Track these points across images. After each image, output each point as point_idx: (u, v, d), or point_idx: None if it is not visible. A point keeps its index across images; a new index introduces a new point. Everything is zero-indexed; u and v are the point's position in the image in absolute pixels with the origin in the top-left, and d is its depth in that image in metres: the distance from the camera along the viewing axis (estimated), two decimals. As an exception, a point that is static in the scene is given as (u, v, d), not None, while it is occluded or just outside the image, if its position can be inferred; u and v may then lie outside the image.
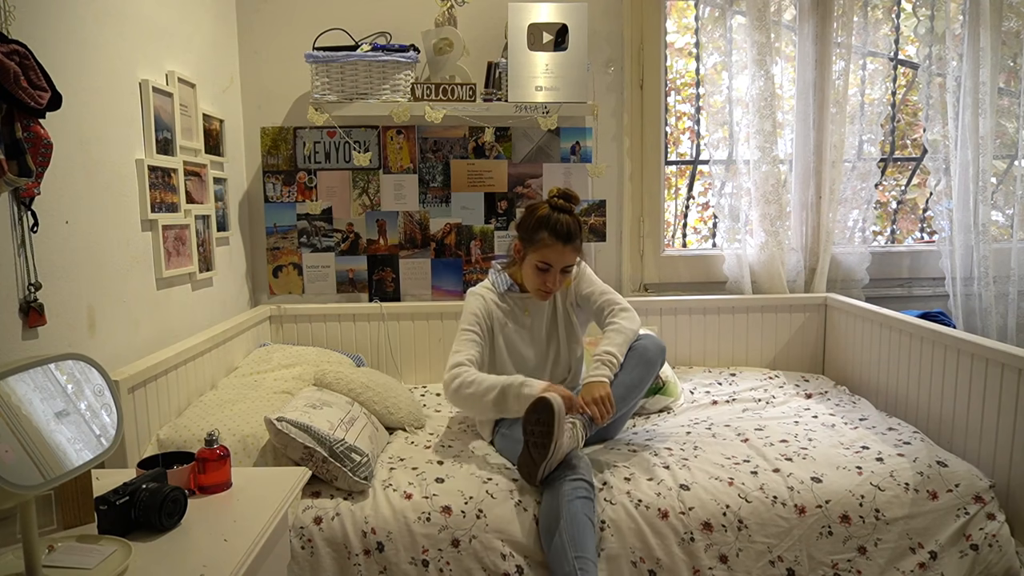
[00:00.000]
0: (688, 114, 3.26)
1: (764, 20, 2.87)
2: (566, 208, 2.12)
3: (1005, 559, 1.79)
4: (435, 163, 2.96)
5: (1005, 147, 3.08)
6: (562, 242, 2.07)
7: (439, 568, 1.73)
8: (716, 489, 1.83)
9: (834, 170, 2.98)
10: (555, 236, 2.07)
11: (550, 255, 2.09)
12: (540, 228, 2.09)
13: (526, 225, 2.14)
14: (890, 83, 3.08)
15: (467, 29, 2.81)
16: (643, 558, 1.75)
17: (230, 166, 2.74)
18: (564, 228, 2.07)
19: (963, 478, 1.85)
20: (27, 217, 1.51)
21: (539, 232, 2.09)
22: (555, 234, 2.07)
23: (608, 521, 1.77)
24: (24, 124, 1.44)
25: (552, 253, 2.09)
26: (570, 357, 2.29)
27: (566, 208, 2.12)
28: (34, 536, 1.07)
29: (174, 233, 2.22)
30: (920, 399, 2.26)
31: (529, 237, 2.12)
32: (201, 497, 1.41)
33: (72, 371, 1.15)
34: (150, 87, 2.05)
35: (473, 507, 1.79)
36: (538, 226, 2.09)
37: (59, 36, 1.66)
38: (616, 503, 1.80)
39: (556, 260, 2.10)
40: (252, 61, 2.90)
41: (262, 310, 2.84)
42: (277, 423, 1.80)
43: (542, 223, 2.09)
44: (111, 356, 1.84)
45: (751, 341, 2.98)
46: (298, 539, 1.74)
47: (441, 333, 2.92)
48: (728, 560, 1.76)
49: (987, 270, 3.00)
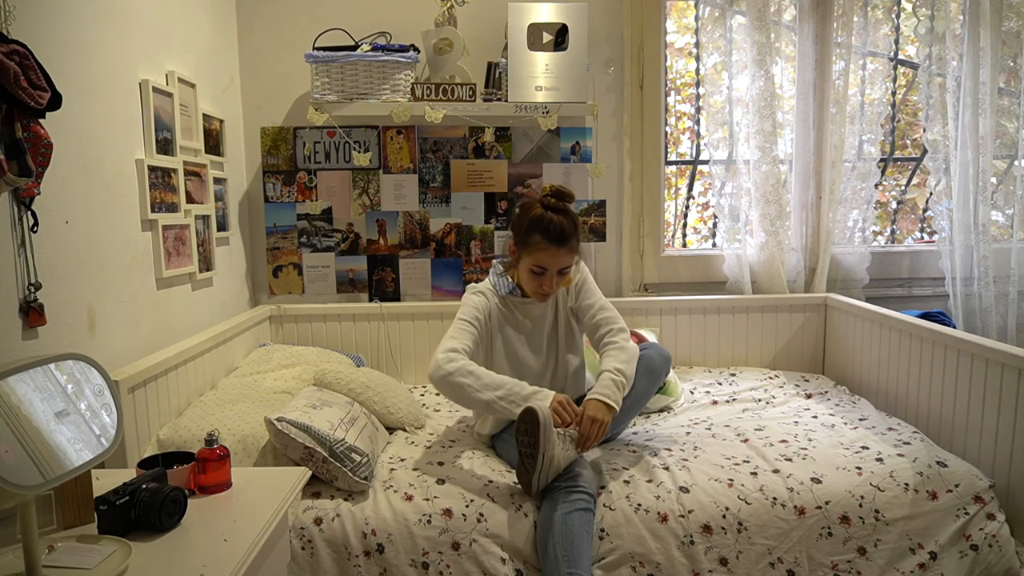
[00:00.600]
0: (688, 114, 3.26)
1: (764, 20, 2.87)
2: (559, 207, 2.00)
3: (1005, 559, 1.79)
4: (435, 163, 2.96)
5: (1005, 147, 3.08)
6: (556, 245, 1.97)
7: (439, 571, 1.73)
8: (716, 491, 1.83)
9: (834, 170, 2.98)
10: (548, 239, 1.96)
11: (544, 259, 1.99)
12: (533, 230, 1.98)
13: (519, 227, 2.04)
14: (890, 83, 3.08)
15: (467, 29, 2.81)
16: (642, 562, 1.75)
17: (230, 166, 2.74)
18: (557, 229, 1.96)
19: (963, 478, 1.85)
20: (27, 217, 1.51)
21: (532, 235, 1.98)
22: (548, 237, 1.96)
23: (607, 527, 1.77)
24: (24, 124, 1.44)
25: (546, 256, 1.99)
26: (568, 367, 2.20)
27: (559, 207, 2.00)
28: (34, 536, 1.07)
29: (174, 233, 2.22)
30: (920, 399, 2.26)
31: (522, 239, 2.02)
32: (201, 497, 1.41)
33: (72, 371, 1.16)
34: (150, 87, 2.05)
35: (474, 510, 1.78)
36: (531, 228, 1.99)
37: (59, 36, 1.66)
38: (616, 508, 1.79)
39: (551, 263, 2.00)
40: (252, 61, 2.90)
41: (262, 310, 2.84)
42: (277, 423, 1.80)
43: (535, 225, 1.98)
44: (111, 356, 1.84)
45: (751, 341, 2.98)
46: (298, 540, 1.74)
47: (441, 333, 2.87)
48: (728, 563, 1.76)
49: (987, 270, 3.00)
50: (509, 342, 2.15)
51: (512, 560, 1.73)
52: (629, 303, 2.94)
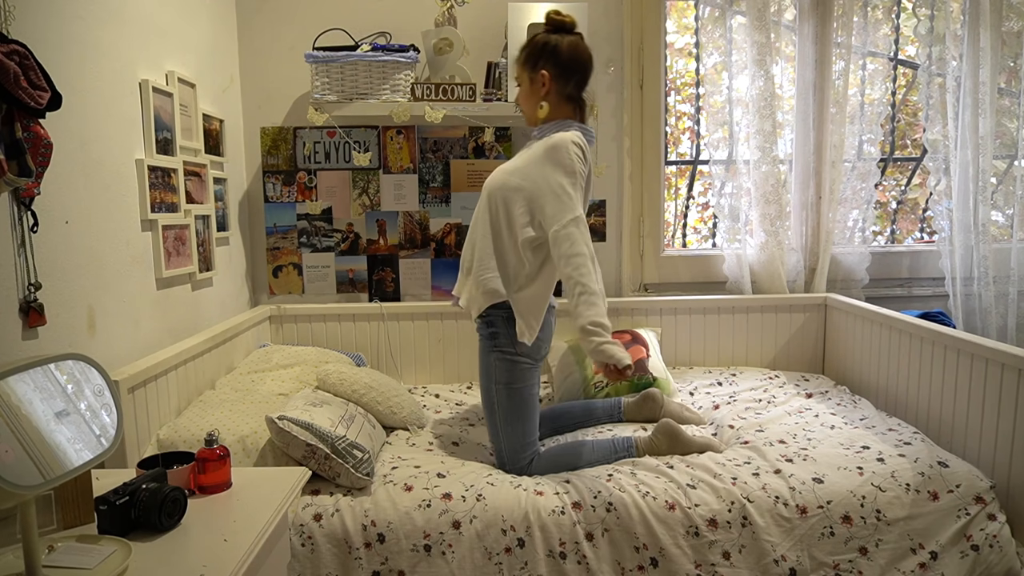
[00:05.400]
0: (688, 114, 3.26)
1: (764, 20, 2.87)
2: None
3: (1006, 560, 1.79)
4: (435, 163, 2.96)
5: (1005, 147, 3.08)
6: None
7: (441, 551, 1.74)
8: (720, 488, 1.83)
9: (834, 170, 2.98)
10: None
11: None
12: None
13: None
14: (890, 83, 3.08)
15: (467, 29, 2.81)
16: (646, 544, 1.76)
17: (230, 166, 2.74)
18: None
19: (964, 479, 1.85)
20: (27, 217, 1.51)
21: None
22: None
23: (616, 503, 1.79)
24: (24, 124, 1.44)
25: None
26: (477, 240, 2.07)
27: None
28: (34, 536, 1.06)
29: (174, 233, 2.22)
30: (920, 399, 2.26)
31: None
32: (201, 497, 1.41)
33: (72, 371, 1.15)
34: (150, 87, 2.05)
35: (473, 493, 1.82)
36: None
37: (59, 36, 1.66)
38: (624, 491, 1.82)
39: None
40: (252, 61, 2.90)
41: (262, 310, 2.84)
42: (279, 421, 1.80)
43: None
44: (111, 356, 1.84)
45: (751, 341, 2.98)
46: (298, 537, 1.74)
47: (441, 333, 2.93)
48: (731, 557, 1.77)
49: (987, 270, 3.00)
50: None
51: (514, 528, 1.75)
52: (629, 303, 2.94)
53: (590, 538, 1.76)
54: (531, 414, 2.03)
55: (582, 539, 1.75)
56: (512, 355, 2.01)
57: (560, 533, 1.75)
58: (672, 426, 2.07)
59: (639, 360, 2.63)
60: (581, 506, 1.78)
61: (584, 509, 1.78)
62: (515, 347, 2.00)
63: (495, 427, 2.05)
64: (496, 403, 2.03)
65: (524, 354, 2.01)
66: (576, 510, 1.78)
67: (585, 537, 1.75)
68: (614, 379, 1.81)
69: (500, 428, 2.03)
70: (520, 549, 1.74)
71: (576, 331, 1.82)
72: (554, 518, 1.76)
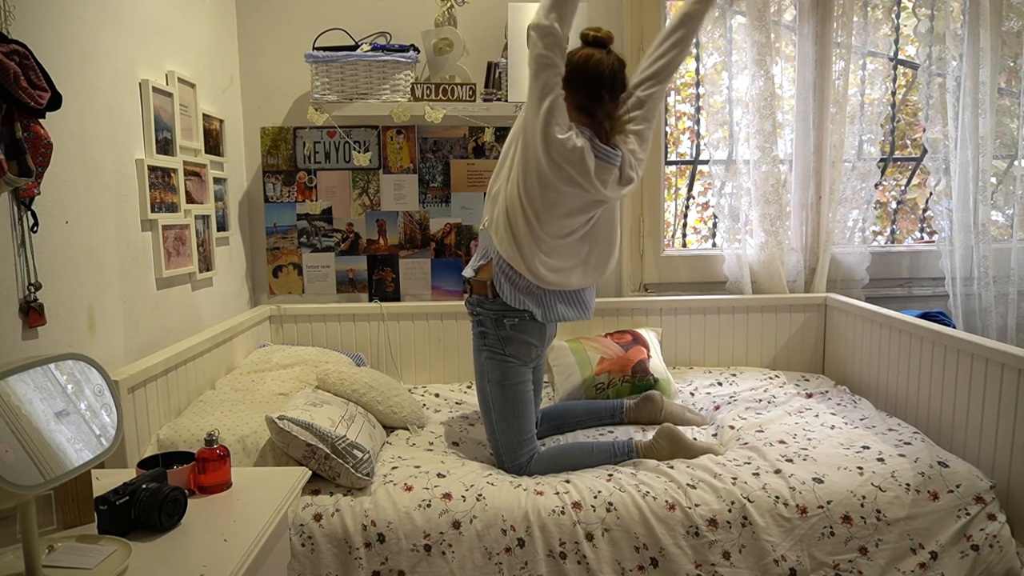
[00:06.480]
0: (688, 114, 3.26)
1: (764, 20, 2.87)
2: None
3: (1006, 560, 1.79)
4: (435, 163, 2.96)
5: (1005, 147, 3.08)
6: None
7: (441, 551, 1.74)
8: (720, 488, 1.83)
9: (834, 170, 2.98)
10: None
11: None
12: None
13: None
14: (890, 83, 3.07)
15: (467, 29, 2.81)
16: (646, 544, 1.76)
17: (230, 166, 2.74)
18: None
19: (964, 479, 1.85)
20: (27, 217, 1.51)
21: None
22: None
23: (616, 503, 1.79)
24: (24, 124, 1.44)
25: None
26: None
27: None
28: (34, 536, 1.06)
29: (174, 233, 2.22)
30: (920, 399, 2.26)
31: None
32: (201, 497, 1.41)
33: (72, 371, 1.15)
34: (150, 87, 2.05)
35: (473, 493, 1.82)
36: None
37: (59, 36, 1.66)
38: (624, 491, 1.82)
39: None
40: (252, 61, 2.90)
41: (262, 310, 2.84)
42: (279, 421, 1.80)
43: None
44: (111, 356, 1.84)
45: (751, 341, 2.98)
46: (298, 536, 1.74)
47: (441, 333, 2.92)
48: (731, 557, 1.77)
49: (987, 270, 3.00)
50: None
51: (514, 528, 1.76)
52: (629, 303, 2.94)
53: (590, 538, 1.76)
54: (526, 410, 2.05)
55: (582, 539, 1.75)
56: (501, 355, 2.04)
57: (560, 533, 1.75)
58: (673, 430, 2.07)
59: (640, 361, 2.63)
60: (581, 506, 1.78)
61: (584, 509, 1.78)
62: (503, 348, 2.03)
63: (491, 425, 2.07)
64: (491, 401, 2.06)
65: (512, 355, 2.03)
66: (576, 510, 1.78)
67: (585, 537, 1.76)
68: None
69: (496, 425, 2.04)
70: (520, 549, 1.74)
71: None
72: (554, 518, 1.77)
